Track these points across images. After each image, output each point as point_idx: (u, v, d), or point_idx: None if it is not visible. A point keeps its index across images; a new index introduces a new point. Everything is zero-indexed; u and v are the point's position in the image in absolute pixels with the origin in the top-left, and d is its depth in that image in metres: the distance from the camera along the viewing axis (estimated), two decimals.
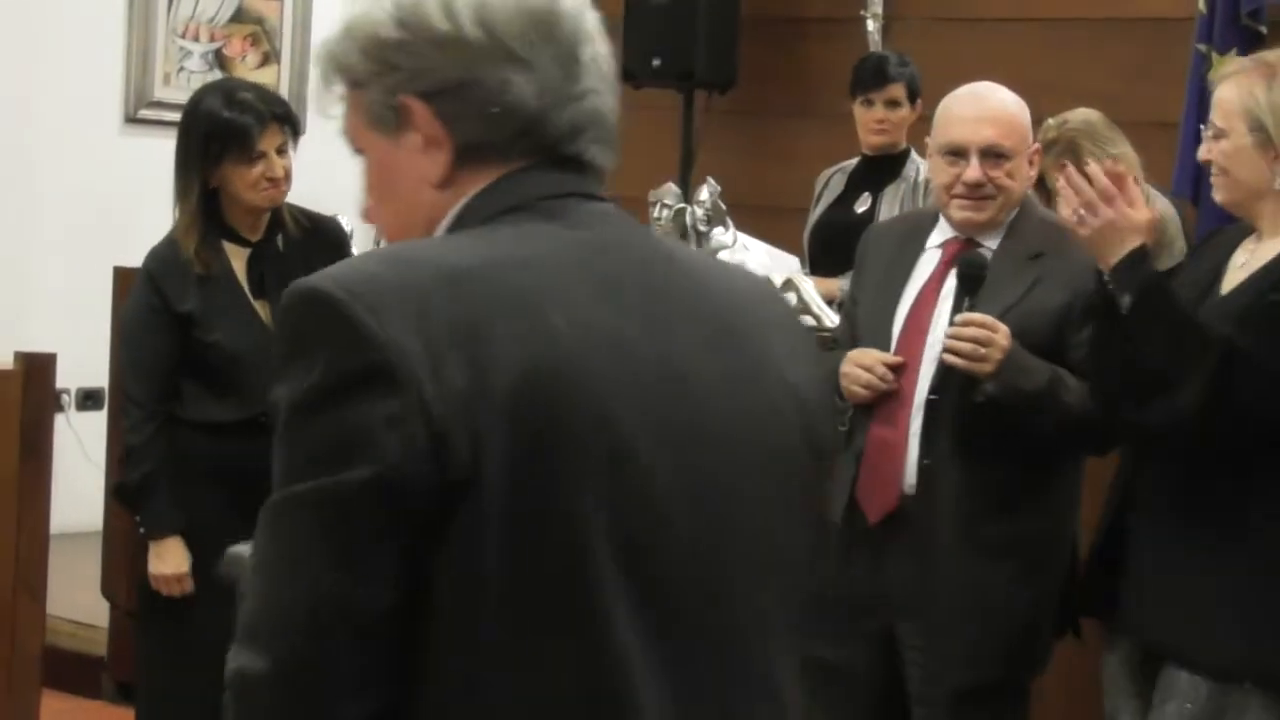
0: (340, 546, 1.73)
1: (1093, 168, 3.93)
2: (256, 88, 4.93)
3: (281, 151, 4.78)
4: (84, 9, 8.60)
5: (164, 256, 4.90)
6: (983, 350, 3.97)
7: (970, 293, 4.09)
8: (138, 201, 8.23)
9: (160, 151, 8.53)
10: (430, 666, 1.78)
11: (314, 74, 2.35)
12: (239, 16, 9.05)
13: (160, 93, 8.79)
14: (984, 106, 4.42)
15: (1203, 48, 6.92)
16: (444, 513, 1.70)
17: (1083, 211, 3.83)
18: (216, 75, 8.83)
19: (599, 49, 2.06)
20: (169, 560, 4.74)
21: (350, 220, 5.13)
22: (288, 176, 4.81)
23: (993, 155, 4.28)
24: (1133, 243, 3.76)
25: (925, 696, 4.27)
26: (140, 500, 4.82)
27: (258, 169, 4.76)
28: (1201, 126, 4.06)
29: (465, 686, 1.77)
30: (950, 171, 4.32)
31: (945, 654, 4.22)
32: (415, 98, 1.89)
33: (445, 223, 1.94)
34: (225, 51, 9.03)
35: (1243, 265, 3.78)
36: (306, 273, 4.23)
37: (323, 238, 4.97)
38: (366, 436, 1.70)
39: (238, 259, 4.85)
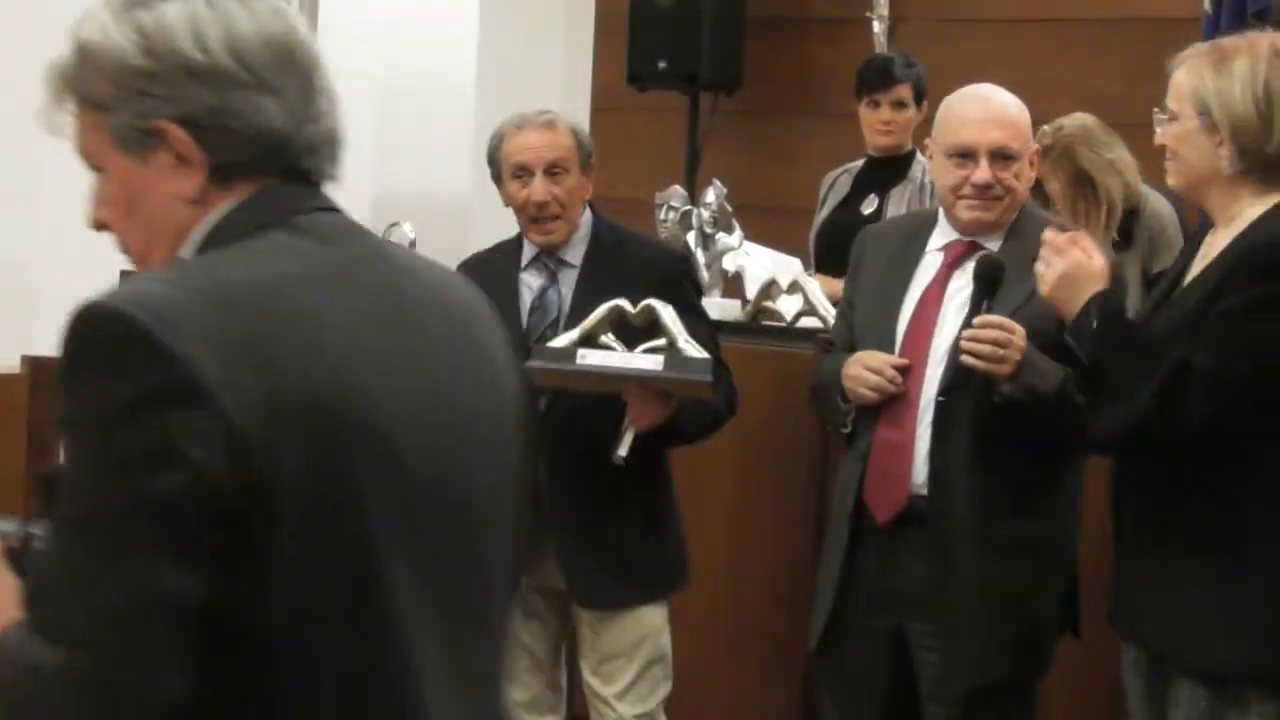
0: (154, 547, 1.82)
1: (1046, 235, 3.98)
2: None
3: None
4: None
5: None
6: (1001, 352, 3.98)
7: (989, 294, 4.11)
8: None
9: None
10: (242, 664, 1.90)
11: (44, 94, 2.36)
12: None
13: None
14: (990, 108, 4.44)
15: None
16: (246, 516, 1.83)
17: (1040, 267, 3.92)
18: None
19: (325, 74, 2.22)
20: None
21: (411, 230, 5.11)
22: None
23: (1001, 157, 4.31)
24: (1093, 288, 3.82)
25: (936, 695, 4.28)
26: None
27: None
28: (1156, 110, 4.06)
29: (272, 679, 1.92)
30: (957, 173, 4.34)
31: (957, 654, 4.22)
32: (170, 121, 1.99)
33: (197, 235, 2.06)
34: None
35: (1201, 257, 3.82)
36: None
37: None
38: (174, 446, 1.80)
39: None
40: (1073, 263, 3.84)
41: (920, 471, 4.28)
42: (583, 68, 8.87)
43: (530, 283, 4.73)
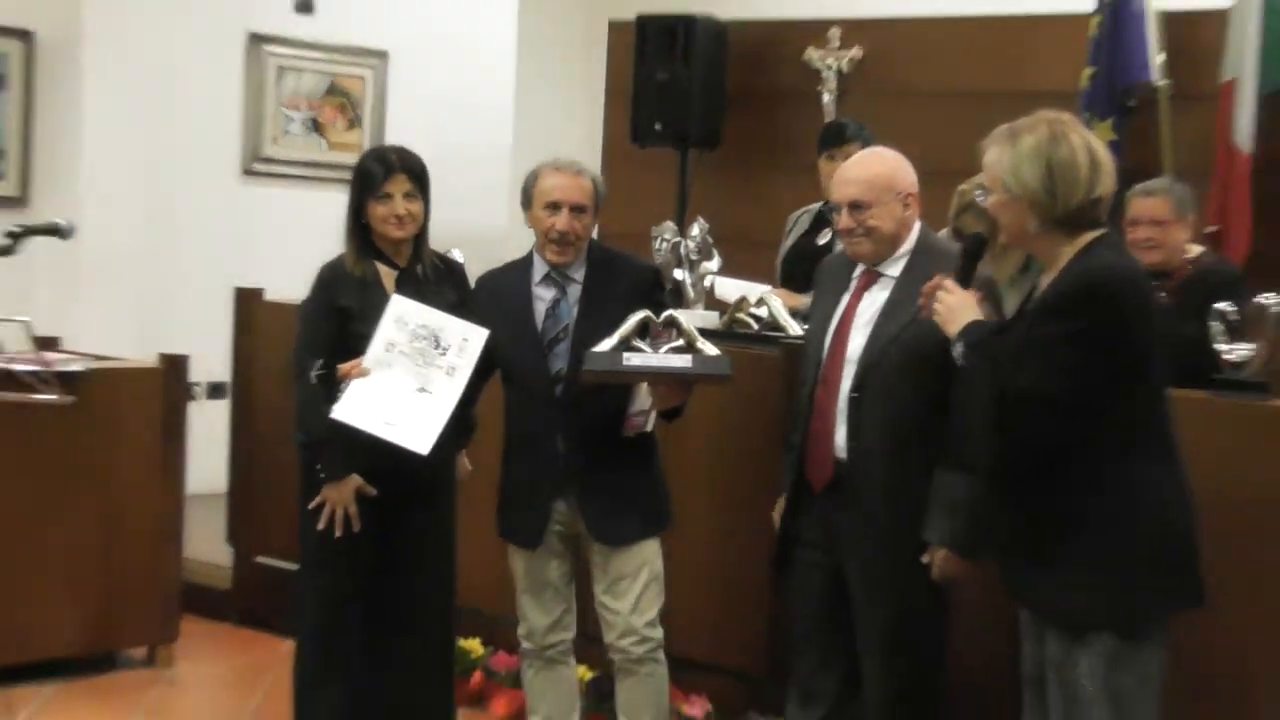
0: None
1: (924, 288, 3.95)
2: (401, 149, 4.90)
3: (409, 196, 4.76)
4: (210, 87, 8.59)
5: (333, 267, 4.91)
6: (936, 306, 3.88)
7: (968, 266, 4.03)
8: (252, 236, 8.37)
9: (269, 197, 8.71)
10: None
11: None
12: (331, 90, 8.96)
13: (269, 150, 8.78)
14: (844, 171, 4.47)
15: (1086, 115, 6.77)
16: None
17: (921, 302, 3.96)
18: (314, 137, 8.88)
19: None
20: (345, 491, 4.72)
21: (460, 255, 5.16)
22: (412, 216, 4.77)
23: (854, 207, 4.28)
24: (966, 318, 3.80)
25: (865, 616, 4.29)
26: (318, 452, 4.77)
27: (384, 208, 4.75)
28: (979, 188, 4.10)
29: None
30: (844, 221, 4.35)
31: (875, 584, 4.27)
32: None
33: None
34: (320, 119, 8.95)
35: (1040, 290, 3.78)
36: (441, 293, 4.78)
37: (451, 269, 5.00)
38: None
39: (388, 278, 4.82)
40: (944, 304, 3.83)
41: (842, 450, 4.31)
42: (595, 129, 8.77)
43: (543, 295, 4.73)
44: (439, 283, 4.88)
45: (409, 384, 4.60)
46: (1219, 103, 6.75)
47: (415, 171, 4.84)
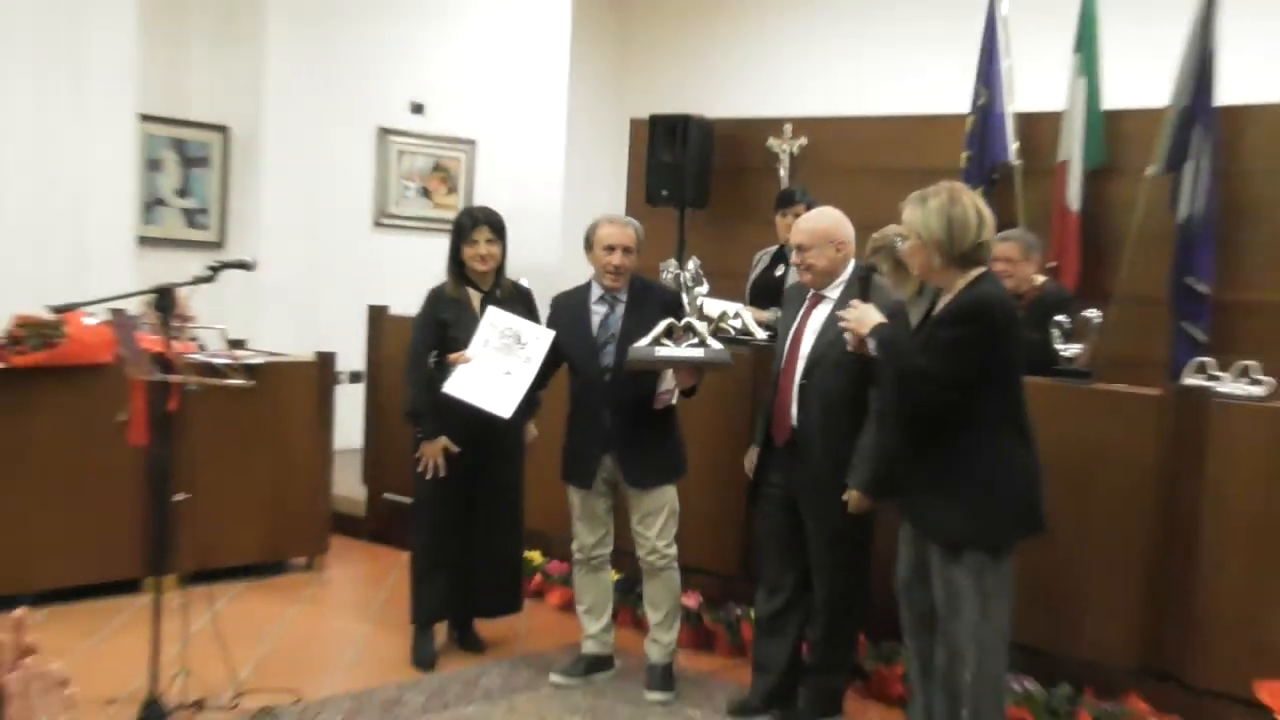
0: None
1: (842, 311, 4.01)
2: (486, 209, 4.96)
3: (489, 241, 4.84)
4: (351, 165, 8.54)
5: (437, 291, 4.95)
6: (851, 323, 3.93)
7: (863, 293, 4.10)
8: (380, 269, 8.34)
9: (392, 242, 8.74)
10: None
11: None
12: (435, 168, 8.90)
13: (392, 209, 8.75)
14: (798, 224, 4.50)
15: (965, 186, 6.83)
16: None
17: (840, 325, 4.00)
18: (423, 200, 8.84)
19: None
20: (435, 447, 4.81)
21: (527, 282, 5.13)
22: (492, 256, 4.84)
23: (800, 249, 4.37)
24: (874, 319, 3.85)
25: (813, 535, 4.34)
26: (420, 420, 4.87)
27: (472, 249, 4.84)
28: (898, 235, 4.02)
29: None
30: (798, 258, 4.41)
31: (818, 513, 4.31)
32: None
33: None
34: (427, 187, 8.89)
35: (940, 306, 3.76)
36: (513, 309, 4.80)
37: (520, 292, 4.98)
38: None
39: (475, 299, 4.88)
40: (854, 317, 3.90)
41: (795, 417, 4.35)
42: (620, 194, 8.66)
43: (597, 310, 4.71)
44: (511, 302, 4.90)
45: (497, 368, 4.69)
46: (1055, 176, 6.73)
47: (495, 224, 4.90)
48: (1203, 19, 6.26)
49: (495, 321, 4.76)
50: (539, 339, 4.73)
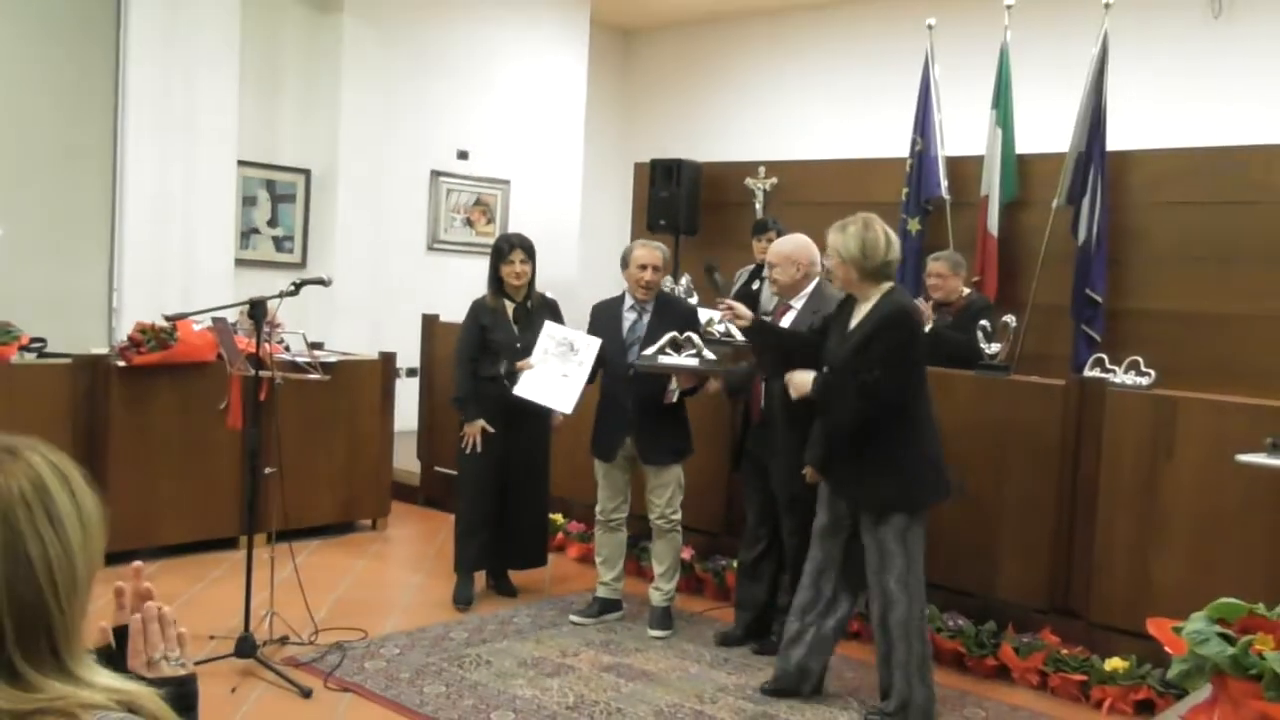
0: None
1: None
2: (520, 235, 4.89)
3: (523, 262, 4.78)
4: (408, 201, 8.45)
5: (480, 301, 4.89)
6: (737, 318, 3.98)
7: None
8: (431, 284, 8.25)
9: (442, 263, 8.68)
10: None
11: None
12: (477, 203, 8.76)
13: (442, 236, 8.62)
14: (771, 249, 4.44)
15: (904, 216, 6.79)
16: None
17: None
18: (467, 229, 8.75)
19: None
20: (475, 428, 4.74)
21: (550, 293, 5.02)
22: (525, 273, 4.78)
23: (770, 266, 4.34)
24: (808, 381, 3.74)
25: (780, 494, 4.28)
26: (463, 405, 4.80)
27: (508, 268, 4.78)
28: (824, 255, 3.97)
29: None
30: (772, 273, 4.34)
31: (781, 478, 4.24)
32: None
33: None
34: (470, 219, 8.77)
35: (856, 314, 3.73)
36: (542, 316, 4.78)
37: (547, 303, 4.91)
38: None
39: (509, 308, 4.81)
40: (794, 386, 3.82)
41: (764, 402, 4.33)
42: (626, 224, 8.61)
43: (628, 317, 4.64)
44: (540, 310, 4.87)
45: (556, 372, 4.63)
46: (979, 208, 6.67)
47: (527, 247, 4.85)
48: (1095, 80, 6.29)
49: (553, 333, 4.70)
50: (589, 346, 4.64)
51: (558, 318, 4.90)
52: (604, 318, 4.76)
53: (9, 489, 1.01)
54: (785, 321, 4.30)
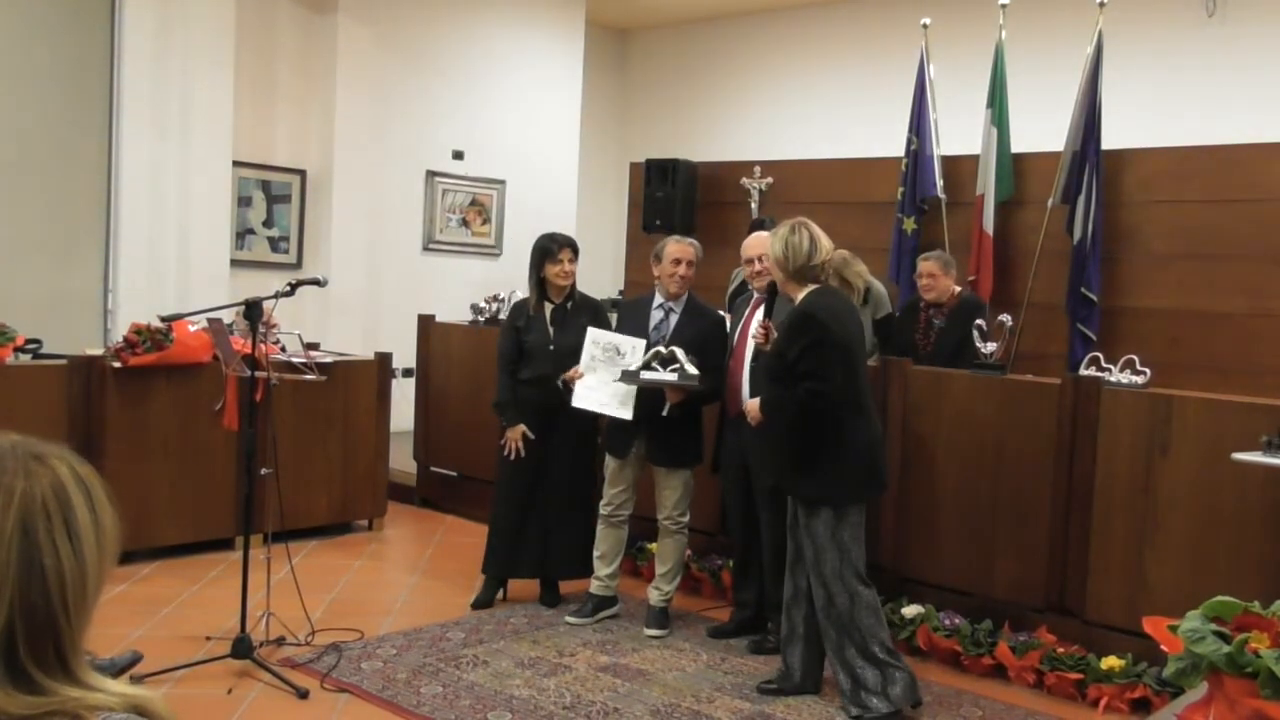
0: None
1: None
2: (565, 235, 4.83)
3: (570, 260, 4.73)
4: (405, 201, 8.42)
5: (518, 305, 4.88)
6: (763, 333, 4.02)
7: (768, 310, 4.09)
8: (427, 284, 8.26)
9: (438, 263, 8.67)
10: None
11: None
12: (472, 203, 8.74)
13: (438, 236, 8.58)
14: (751, 243, 4.49)
15: (900, 216, 6.80)
16: None
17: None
18: (463, 229, 8.72)
19: None
20: (515, 433, 4.72)
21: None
22: (571, 272, 4.74)
23: (757, 260, 4.35)
24: (755, 405, 3.93)
25: (758, 489, 4.33)
26: (504, 410, 4.78)
27: (556, 267, 4.73)
28: (762, 255, 4.13)
29: None
30: (748, 269, 4.45)
31: (759, 466, 4.27)
32: None
33: None
34: (466, 219, 8.73)
35: (787, 314, 3.82)
36: (580, 322, 4.72)
37: (588, 304, 4.86)
38: None
39: (546, 309, 4.77)
40: (750, 415, 3.99)
41: (745, 396, 4.31)
42: (622, 223, 8.64)
43: (655, 315, 4.63)
44: (579, 311, 4.81)
45: (607, 377, 4.57)
46: (974, 206, 6.66)
47: (573, 246, 4.79)
48: (1090, 79, 6.28)
49: (597, 339, 4.62)
50: (635, 348, 4.57)
51: (599, 319, 4.82)
52: (631, 315, 4.76)
53: (32, 497, 1.02)
54: (761, 315, 4.26)
